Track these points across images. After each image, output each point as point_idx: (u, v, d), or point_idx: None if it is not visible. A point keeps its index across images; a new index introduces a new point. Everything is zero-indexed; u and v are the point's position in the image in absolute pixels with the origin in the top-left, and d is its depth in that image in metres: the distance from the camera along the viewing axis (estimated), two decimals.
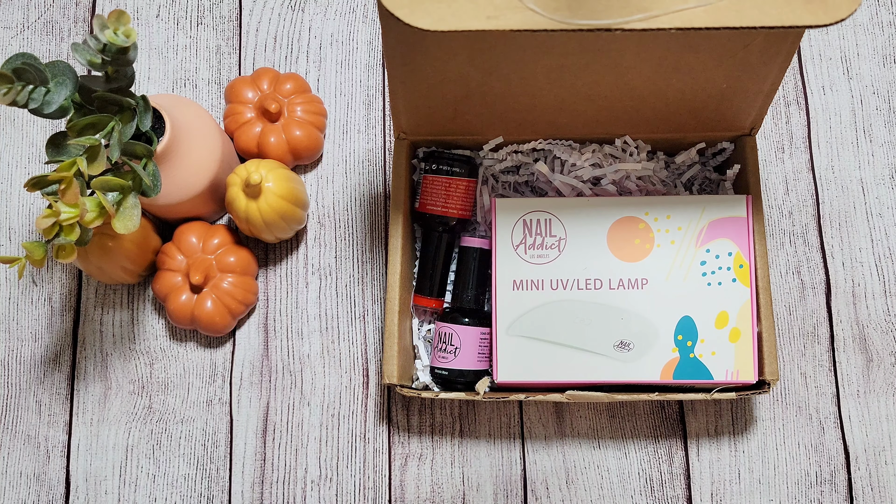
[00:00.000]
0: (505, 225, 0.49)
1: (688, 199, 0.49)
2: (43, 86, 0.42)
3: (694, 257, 0.48)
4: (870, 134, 0.60)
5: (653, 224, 0.49)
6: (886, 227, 0.59)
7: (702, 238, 0.48)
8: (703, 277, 0.48)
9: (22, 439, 0.56)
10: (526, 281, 0.49)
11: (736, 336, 0.48)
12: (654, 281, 0.48)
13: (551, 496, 0.55)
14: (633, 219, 0.49)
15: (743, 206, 0.48)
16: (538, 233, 0.49)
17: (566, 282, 0.48)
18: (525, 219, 0.49)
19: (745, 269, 0.48)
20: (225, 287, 0.54)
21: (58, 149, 0.44)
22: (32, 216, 0.60)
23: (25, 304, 0.58)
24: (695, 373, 0.48)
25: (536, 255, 0.49)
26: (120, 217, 0.43)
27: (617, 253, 0.48)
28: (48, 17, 0.64)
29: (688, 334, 0.48)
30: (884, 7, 0.63)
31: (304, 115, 0.58)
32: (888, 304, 0.58)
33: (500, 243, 0.49)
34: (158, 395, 0.57)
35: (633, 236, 0.48)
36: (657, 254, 0.48)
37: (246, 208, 0.51)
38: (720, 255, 0.48)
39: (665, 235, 0.48)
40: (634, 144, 0.54)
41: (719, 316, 0.48)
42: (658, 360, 0.48)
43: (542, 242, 0.49)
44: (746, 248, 0.48)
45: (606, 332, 0.48)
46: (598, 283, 0.48)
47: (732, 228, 0.48)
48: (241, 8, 0.63)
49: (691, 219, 0.48)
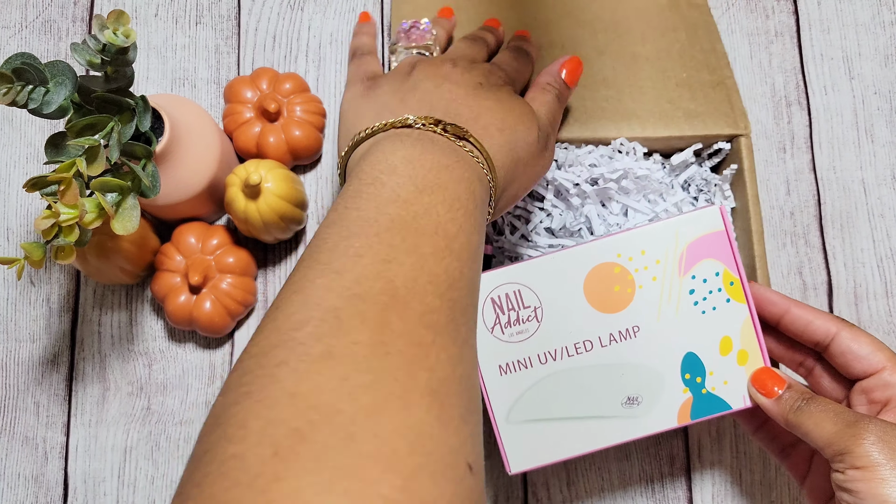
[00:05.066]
0: None
1: (658, 227, 0.45)
2: (42, 86, 0.42)
3: (681, 288, 0.44)
4: (871, 134, 0.60)
5: (629, 265, 0.44)
6: (888, 227, 0.59)
7: (684, 265, 0.44)
8: (695, 307, 0.44)
9: (20, 440, 0.56)
10: (512, 363, 0.44)
11: (744, 358, 0.44)
12: (645, 326, 0.44)
13: (552, 498, 0.55)
14: (607, 265, 0.44)
15: (718, 218, 0.44)
16: (511, 308, 0.45)
17: (554, 352, 0.44)
18: (493, 297, 0.45)
19: (736, 285, 0.44)
20: (224, 288, 0.54)
21: (57, 149, 0.43)
22: (31, 217, 0.60)
23: (24, 304, 0.58)
24: (712, 408, 0.44)
25: (515, 332, 0.45)
26: (119, 218, 0.43)
27: (599, 306, 0.44)
28: (47, 17, 0.63)
29: (695, 371, 0.44)
30: (885, 6, 0.62)
31: (304, 114, 0.58)
32: (889, 304, 0.57)
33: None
34: (157, 396, 0.57)
35: (612, 283, 0.44)
36: (641, 296, 0.44)
37: (245, 208, 0.51)
38: (707, 279, 0.44)
39: (645, 273, 0.44)
40: (631, 145, 0.54)
41: (722, 342, 0.44)
42: (671, 405, 0.44)
43: (517, 317, 0.45)
44: (732, 263, 0.44)
45: (610, 393, 0.44)
46: (589, 345, 0.44)
47: (713, 245, 0.44)
48: (239, 7, 0.63)
49: (667, 248, 0.44)
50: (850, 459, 0.35)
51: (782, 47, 0.62)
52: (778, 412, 0.40)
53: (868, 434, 0.35)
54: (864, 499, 0.35)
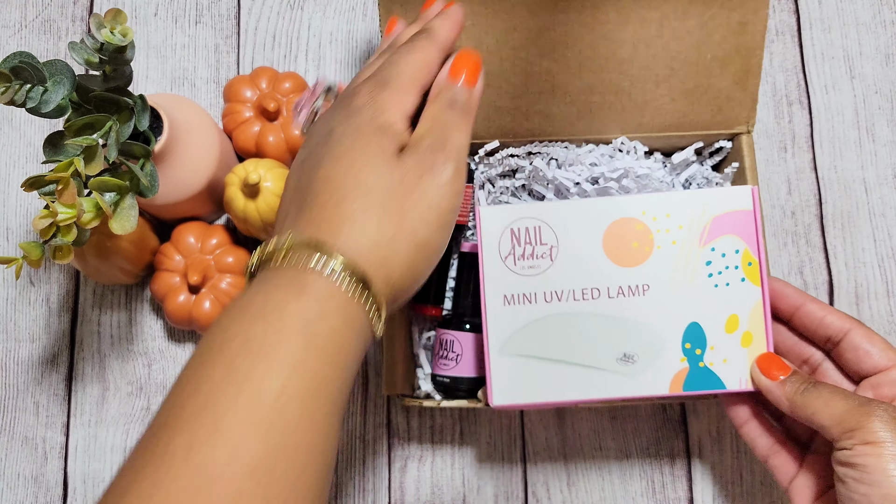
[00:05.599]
0: (491, 236, 0.46)
1: (688, 195, 0.45)
2: (40, 85, 0.42)
3: (698, 257, 0.44)
4: (872, 133, 0.60)
5: (651, 224, 0.45)
6: (889, 227, 0.58)
7: (706, 236, 0.44)
8: (709, 279, 0.44)
9: (19, 440, 0.56)
10: (518, 295, 0.45)
11: (748, 340, 0.44)
12: (656, 286, 0.44)
13: (552, 498, 0.55)
14: (630, 220, 0.45)
15: (749, 198, 0.44)
16: (528, 242, 0.45)
17: (561, 293, 0.45)
18: (513, 228, 0.45)
19: (754, 266, 0.44)
20: (223, 287, 0.54)
21: (55, 148, 0.43)
22: (30, 216, 0.60)
23: (23, 304, 0.58)
24: (706, 383, 0.44)
25: (527, 266, 0.45)
26: (117, 217, 0.43)
27: (614, 258, 0.45)
28: (46, 16, 0.63)
29: (696, 342, 0.44)
30: (886, 6, 0.62)
31: None
32: (891, 304, 0.57)
33: (487, 256, 0.45)
34: (157, 396, 0.56)
35: (631, 239, 0.45)
36: (658, 256, 0.44)
37: (244, 208, 0.51)
38: (727, 254, 0.44)
39: (665, 235, 0.45)
40: (632, 144, 0.53)
41: (729, 319, 0.44)
42: (666, 371, 0.44)
43: (532, 252, 0.45)
44: (755, 244, 0.44)
45: (608, 345, 0.44)
46: (596, 293, 0.44)
47: (738, 223, 0.44)
48: (239, 6, 0.63)
49: (693, 215, 0.45)
50: (861, 435, 0.36)
51: (783, 46, 0.62)
52: (782, 394, 0.40)
53: (880, 412, 0.36)
54: (871, 472, 0.35)
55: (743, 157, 0.52)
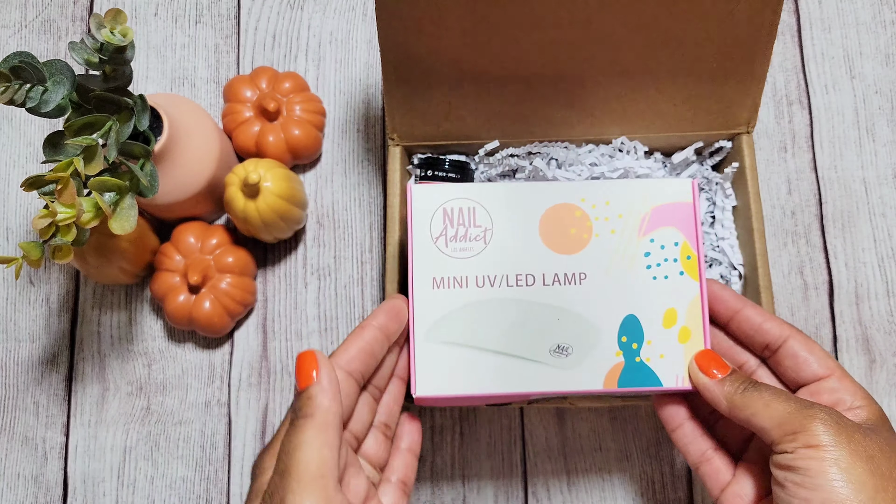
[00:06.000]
0: (423, 214, 0.43)
1: (628, 183, 0.43)
2: (40, 84, 0.42)
3: (637, 247, 0.43)
4: (873, 133, 0.60)
5: (590, 211, 0.43)
6: (889, 227, 0.58)
7: (645, 226, 0.43)
8: (647, 270, 0.43)
9: (19, 440, 0.56)
10: (447, 278, 0.42)
11: (686, 336, 0.42)
12: (593, 275, 0.42)
13: (552, 498, 0.55)
14: (569, 206, 0.43)
15: (689, 189, 0.43)
16: (461, 223, 0.43)
17: (493, 278, 0.42)
18: (445, 207, 0.43)
19: (692, 260, 0.43)
20: (223, 287, 0.54)
21: (55, 148, 0.43)
22: (30, 216, 0.60)
23: (23, 304, 0.58)
24: (642, 379, 0.42)
25: (459, 248, 0.42)
26: (117, 218, 0.43)
27: (551, 244, 0.43)
28: (46, 16, 0.63)
29: (633, 335, 0.42)
30: (886, 6, 0.62)
31: (303, 114, 0.58)
32: (891, 305, 0.57)
33: (417, 236, 0.42)
34: (156, 396, 0.56)
35: (569, 225, 0.43)
36: (596, 244, 0.43)
37: (244, 208, 0.51)
38: (665, 246, 0.43)
39: (604, 224, 0.43)
40: (632, 144, 0.53)
41: (667, 314, 0.42)
42: (600, 365, 0.42)
43: (465, 234, 0.42)
44: (693, 238, 0.43)
45: (541, 336, 0.42)
46: (531, 279, 0.42)
47: (678, 215, 0.43)
48: (239, 6, 0.63)
49: (632, 205, 0.43)
50: (803, 438, 0.35)
51: (783, 46, 0.62)
52: (720, 394, 0.39)
53: (822, 415, 0.35)
54: (813, 476, 0.34)
55: (743, 157, 0.52)
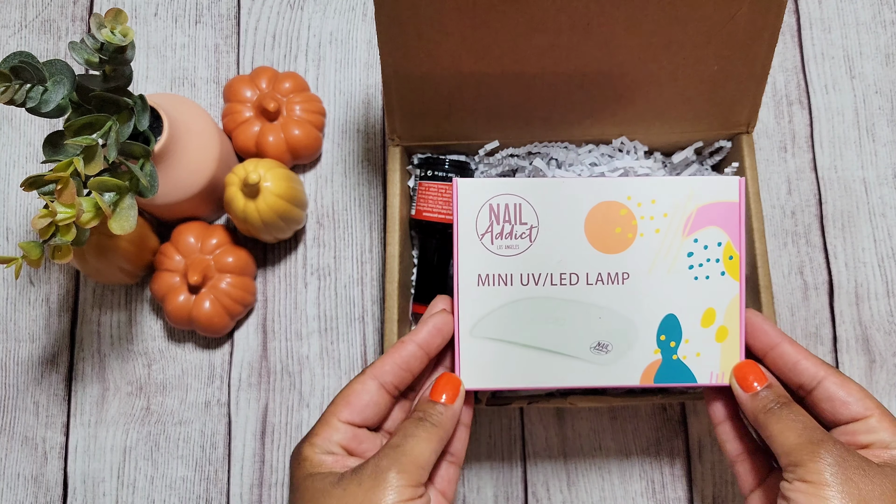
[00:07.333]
0: (468, 210, 0.43)
1: (674, 180, 0.43)
2: (40, 84, 0.42)
3: (680, 248, 0.43)
4: (873, 133, 0.60)
5: (636, 210, 0.43)
6: (889, 227, 0.58)
7: (689, 226, 0.43)
8: (689, 271, 0.43)
9: (19, 440, 0.56)
10: (492, 276, 0.43)
11: (723, 335, 0.43)
12: (635, 275, 0.43)
13: (552, 498, 0.55)
14: (614, 203, 0.43)
15: (735, 189, 0.43)
16: (507, 220, 0.43)
17: (538, 276, 0.43)
18: (491, 203, 0.43)
19: (734, 260, 0.43)
20: (223, 287, 0.54)
21: (55, 148, 0.43)
22: (29, 216, 0.60)
23: (23, 304, 0.58)
24: (677, 376, 0.43)
25: (505, 245, 0.43)
26: (116, 218, 0.43)
27: (595, 243, 0.43)
28: (46, 16, 0.63)
29: (671, 334, 0.43)
30: (886, 6, 0.62)
31: (303, 114, 0.58)
32: (891, 305, 0.57)
33: (463, 232, 0.43)
34: (156, 396, 0.56)
35: (614, 224, 0.43)
36: (640, 244, 0.43)
37: (244, 208, 0.51)
38: (709, 246, 0.43)
39: (649, 223, 0.43)
40: (632, 144, 0.53)
41: (706, 313, 0.43)
42: (639, 362, 0.43)
43: (511, 231, 0.43)
44: (737, 238, 0.43)
45: (583, 333, 0.43)
46: (575, 278, 0.43)
47: (723, 215, 0.43)
48: (239, 6, 0.63)
49: (678, 204, 0.43)
50: (801, 472, 0.35)
51: (783, 46, 0.62)
52: (751, 408, 0.40)
53: (827, 455, 0.35)
54: None
55: (743, 157, 0.52)
